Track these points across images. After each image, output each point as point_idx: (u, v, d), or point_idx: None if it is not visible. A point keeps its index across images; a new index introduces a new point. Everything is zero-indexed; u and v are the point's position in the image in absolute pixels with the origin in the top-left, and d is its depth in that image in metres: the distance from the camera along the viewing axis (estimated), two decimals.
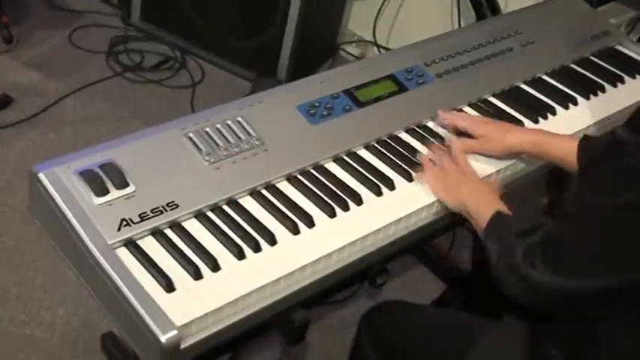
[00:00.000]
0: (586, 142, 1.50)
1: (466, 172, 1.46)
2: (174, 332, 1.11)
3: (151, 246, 1.24)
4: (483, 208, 1.34)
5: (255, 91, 2.96)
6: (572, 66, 1.94)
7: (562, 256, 1.14)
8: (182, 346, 1.13)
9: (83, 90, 2.89)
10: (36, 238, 2.21)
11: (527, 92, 1.80)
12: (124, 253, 1.22)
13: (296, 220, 1.33)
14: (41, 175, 1.26)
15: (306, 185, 1.41)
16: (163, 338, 1.10)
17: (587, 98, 1.82)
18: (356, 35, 3.36)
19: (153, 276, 1.19)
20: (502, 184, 1.53)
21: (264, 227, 1.31)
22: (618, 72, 1.94)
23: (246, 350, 2.03)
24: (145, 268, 1.20)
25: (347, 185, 1.43)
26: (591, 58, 1.99)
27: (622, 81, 1.92)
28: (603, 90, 1.87)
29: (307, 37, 3.00)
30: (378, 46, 3.28)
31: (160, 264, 1.21)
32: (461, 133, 1.58)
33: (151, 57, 3.11)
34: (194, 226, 1.29)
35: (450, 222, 1.49)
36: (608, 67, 1.96)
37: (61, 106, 2.81)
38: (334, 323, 2.19)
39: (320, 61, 3.27)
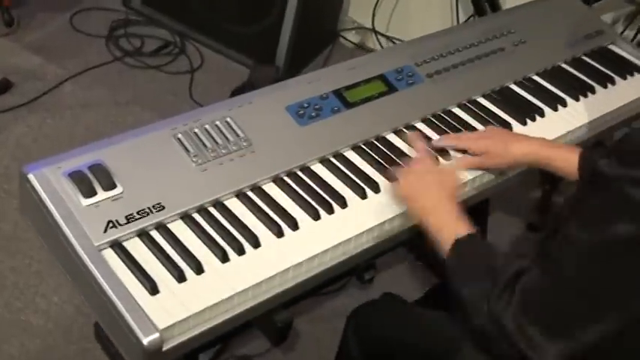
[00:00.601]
0: (587, 154, 1.48)
1: (427, 168, 1.44)
2: (157, 335, 1.14)
3: (136, 248, 1.27)
4: (443, 226, 1.30)
5: (253, 77, 3.00)
6: (564, 66, 1.95)
7: (553, 318, 1.10)
8: (164, 348, 1.16)
9: (83, 74, 2.91)
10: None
11: (517, 93, 1.81)
12: (109, 255, 1.24)
13: (280, 222, 1.36)
14: (31, 176, 1.29)
15: (292, 187, 1.43)
16: (145, 341, 1.13)
17: (577, 99, 1.84)
18: (356, 22, 3.36)
19: (137, 278, 1.22)
20: (479, 191, 1.55)
21: (249, 230, 1.33)
22: (609, 73, 1.95)
23: (236, 341, 2.06)
24: (130, 270, 1.23)
25: (332, 187, 1.45)
26: (583, 58, 2.00)
27: (612, 82, 1.93)
28: (593, 91, 1.88)
29: (306, 24, 3.00)
30: (377, 34, 3.29)
31: (144, 266, 1.23)
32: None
33: (151, 42, 3.13)
34: (180, 228, 1.32)
35: None
36: (600, 67, 1.97)
37: (60, 91, 2.83)
38: (324, 314, 2.22)
39: (319, 48, 3.28)
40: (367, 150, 1.55)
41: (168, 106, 2.83)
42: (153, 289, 1.20)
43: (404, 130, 1.62)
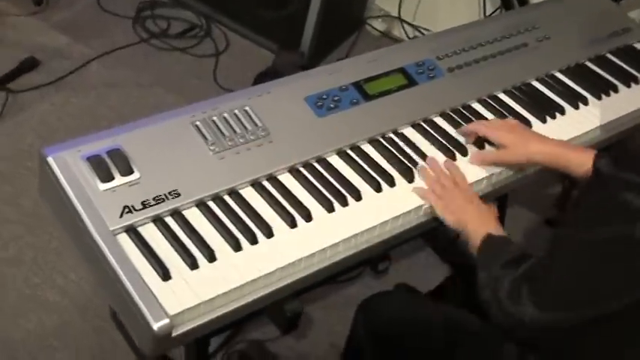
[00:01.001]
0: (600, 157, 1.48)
1: (468, 194, 1.47)
2: (167, 321, 1.16)
3: (151, 233, 1.28)
4: (480, 231, 1.37)
5: (278, 63, 3.01)
6: (588, 64, 1.93)
7: (544, 291, 1.16)
8: (174, 334, 1.18)
9: (109, 55, 2.93)
10: None
11: (538, 90, 1.80)
12: (124, 240, 1.26)
13: (294, 213, 1.37)
14: (50, 160, 1.31)
15: (307, 178, 1.44)
16: (155, 326, 1.15)
17: (599, 98, 1.83)
18: (382, 10, 3.35)
19: (150, 264, 1.23)
20: (495, 188, 1.55)
21: (262, 220, 1.34)
22: (634, 72, 1.94)
23: (249, 326, 2.08)
24: (144, 255, 1.25)
25: (347, 180, 1.46)
26: (608, 56, 1.98)
27: (637, 81, 1.91)
28: (616, 90, 1.87)
29: (332, 11, 3.00)
30: (404, 22, 3.28)
31: (158, 252, 1.25)
32: (479, 139, 1.60)
33: (177, 24, 3.15)
34: (194, 215, 1.33)
35: None
36: (624, 66, 1.96)
37: (86, 70, 2.86)
38: (338, 301, 2.23)
39: (344, 35, 3.28)
40: (384, 143, 1.55)
41: (191, 89, 2.85)
42: (165, 275, 1.22)
43: (422, 124, 1.62)
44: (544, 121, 1.72)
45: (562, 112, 1.75)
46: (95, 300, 2.10)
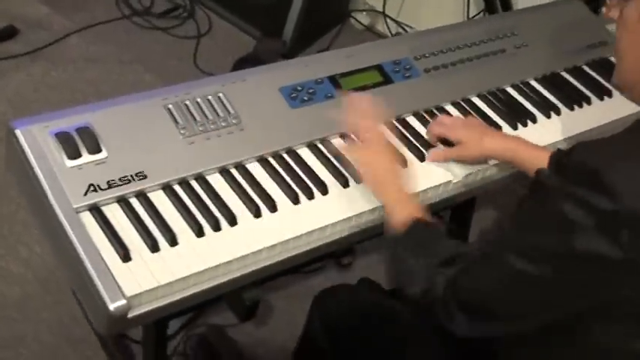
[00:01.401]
0: (556, 156, 1.50)
1: (389, 154, 1.45)
2: (124, 302, 1.16)
3: (114, 213, 1.28)
4: (400, 208, 1.34)
5: (259, 49, 3.00)
6: (563, 74, 1.95)
7: (471, 301, 1.16)
8: (129, 315, 1.18)
9: (89, 29, 2.92)
10: None
11: (512, 97, 1.82)
12: (87, 218, 1.26)
13: (259, 203, 1.37)
14: (18, 132, 1.31)
15: (276, 169, 1.45)
16: (112, 306, 1.15)
17: (571, 109, 1.84)
18: (367, 4, 3.36)
19: (111, 244, 1.24)
20: (466, 189, 1.56)
21: (227, 207, 1.35)
22: (608, 85, 1.95)
23: (211, 309, 2.08)
24: (105, 235, 1.25)
25: (315, 174, 1.46)
26: (584, 67, 1.99)
27: (610, 95, 1.93)
28: (589, 102, 1.88)
29: (317, 1, 3.00)
30: (386, 18, 3.28)
31: (120, 233, 1.25)
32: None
33: (161, 3, 3.14)
34: (159, 198, 1.33)
35: None
36: (599, 79, 1.97)
37: (65, 43, 2.84)
38: (301, 292, 2.24)
39: (328, 27, 3.28)
40: (355, 139, 1.56)
41: (170, 70, 2.84)
42: (125, 256, 1.22)
43: (394, 122, 1.63)
44: (515, 127, 1.73)
45: (534, 120, 1.77)
46: (57, 274, 2.10)
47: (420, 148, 1.58)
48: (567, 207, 1.01)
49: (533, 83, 1.88)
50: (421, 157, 1.57)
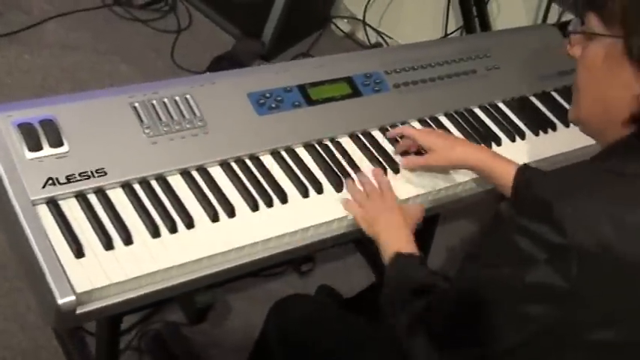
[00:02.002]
0: (524, 172, 1.50)
1: (388, 203, 1.48)
2: (73, 298, 1.17)
3: (71, 209, 1.29)
4: (391, 243, 1.39)
5: (237, 49, 3.01)
6: (531, 98, 1.97)
7: (433, 329, 1.19)
8: (78, 312, 1.19)
9: (69, 15, 2.90)
10: None
11: (479, 117, 1.83)
12: (43, 211, 1.27)
13: (218, 207, 1.38)
14: None
15: (237, 174, 1.46)
16: (60, 301, 1.16)
17: (537, 134, 1.86)
18: (349, 11, 3.37)
19: (65, 239, 1.24)
20: (436, 204, 1.58)
21: (185, 210, 1.36)
22: None
23: (167, 306, 2.09)
24: (60, 229, 1.25)
25: (276, 182, 1.47)
26: (552, 93, 2.02)
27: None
28: (555, 129, 1.91)
29: (299, 4, 3.01)
30: (367, 27, 3.30)
31: (75, 228, 1.26)
32: (406, 153, 1.63)
33: None
34: (118, 196, 1.34)
35: None
36: (567, 106, 1.99)
37: (43, 28, 2.82)
38: (259, 295, 2.25)
39: (308, 31, 3.28)
40: (319, 150, 1.57)
41: (147, 63, 2.83)
42: (78, 252, 1.23)
43: (360, 135, 1.64)
44: None
45: (498, 142, 1.79)
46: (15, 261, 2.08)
47: (384, 163, 1.60)
48: (521, 241, 1.04)
49: (501, 106, 1.90)
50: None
